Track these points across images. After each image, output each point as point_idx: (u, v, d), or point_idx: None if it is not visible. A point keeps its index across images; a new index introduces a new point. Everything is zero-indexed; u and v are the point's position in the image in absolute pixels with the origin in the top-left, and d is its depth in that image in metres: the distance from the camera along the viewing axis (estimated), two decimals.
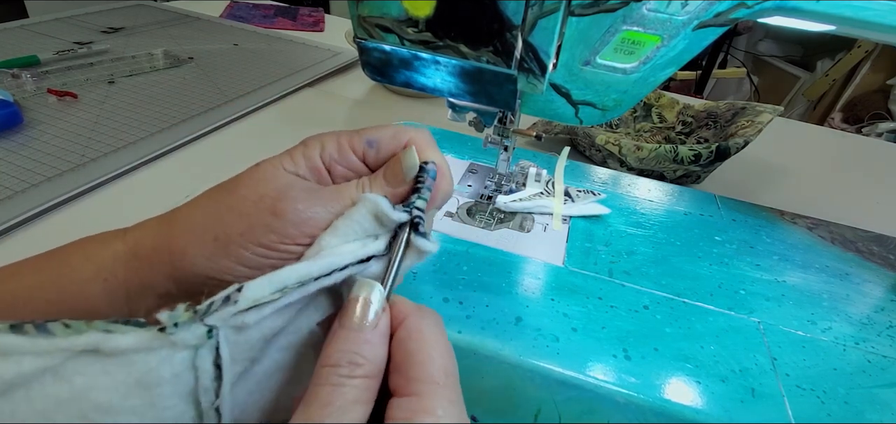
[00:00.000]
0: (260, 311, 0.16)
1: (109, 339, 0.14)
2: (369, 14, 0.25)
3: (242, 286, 0.16)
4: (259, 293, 0.16)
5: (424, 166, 0.19)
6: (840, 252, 0.35)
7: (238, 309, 0.15)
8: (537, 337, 0.25)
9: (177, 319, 0.15)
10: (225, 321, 0.15)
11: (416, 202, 0.18)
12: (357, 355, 0.15)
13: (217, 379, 0.16)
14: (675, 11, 0.25)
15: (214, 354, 0.15)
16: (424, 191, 0.19)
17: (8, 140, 0.47)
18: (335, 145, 0.20)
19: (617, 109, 0.30)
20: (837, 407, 0.23)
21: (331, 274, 0.17)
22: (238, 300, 0.15)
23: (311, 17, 0.96)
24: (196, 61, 0.69)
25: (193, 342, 0.15)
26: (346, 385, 0.15)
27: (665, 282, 0.30)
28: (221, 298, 0.15)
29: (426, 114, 0.64)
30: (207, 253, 0.18)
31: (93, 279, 0.18)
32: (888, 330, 0.28)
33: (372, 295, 0.16)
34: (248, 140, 0.53)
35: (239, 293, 0.15)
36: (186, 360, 0.15)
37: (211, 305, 0.15)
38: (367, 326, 0.16)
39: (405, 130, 0.20)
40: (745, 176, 0.56)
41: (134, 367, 0.14)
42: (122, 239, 0.19)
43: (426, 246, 0.18)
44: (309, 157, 0.19)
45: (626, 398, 0.23)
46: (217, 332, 0.15)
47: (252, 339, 0.16)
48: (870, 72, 1.60)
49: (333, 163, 0.20)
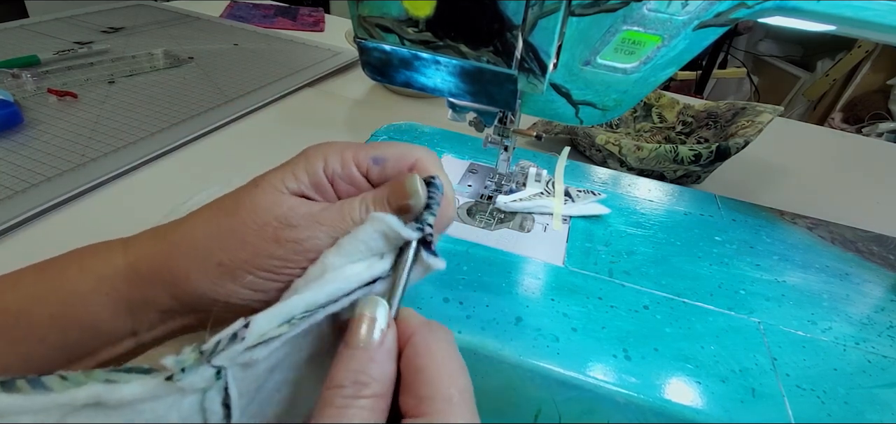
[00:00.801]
0: (268, 346, 0.15)
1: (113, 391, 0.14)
2: (369, 14, 0.25)
3: (249, 321, 0.15)
4: (266, 326, 0.15)
5: (432, 180, 0.19)
6: (840, 252, 0.35)
7: (246, 345, 0.15)
8: (537, 337, 0.25)
9: (184, 364, 0.14)
10: (233, 359, 0.15)
11: (428, 218, 0.18)
12: (363, 374, 0.15)
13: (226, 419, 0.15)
14: (675, 11, 0.25)
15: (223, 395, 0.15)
16: (434, 206, 0.18)
17: (8, 140, 0.47)
18: (339, 160, 0.19)
19: (617, 109, 0.30)
20: (837, 407, 0.23)
21: (337, 301, 0.16)
22: (245, 336, 0.15)
23: (311, 17, 0.96)
24: (196, 61, 0.69)
25: (202, 385, 0.14)
26: (352, 406, 0.14)
27: (665, 282, 0.30)
28: (228, 336, 0.15)
29: (426, 114, 0.64)
30: (212, 278, 0.17)
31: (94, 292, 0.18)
32: (888, 330, 0.28)
33: (376, 312, 0.16)
34: (248, 140, 0.53)
35: (246, 329, 0.15)
36: (195, 403, 0.14)
37: (217, 344, 0.15)
38: (372, 345, 0.15)
39: (411, 149, 0.20)
40: (745, 176, 0.56)
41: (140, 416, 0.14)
42: (122, 252, 0.18)
43: (437, 264, 0.18)
44: (311, 172, 0.19)
45: (626, 398, 0.23)
46: (226, 373, 0.15)
47: (259, 373, 0.16)
48: (870, 72, 1.60)
49: (337, 178, 0.19)
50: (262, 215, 0.18)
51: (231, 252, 0.17)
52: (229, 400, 0.15)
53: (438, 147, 0.43)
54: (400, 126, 0.45)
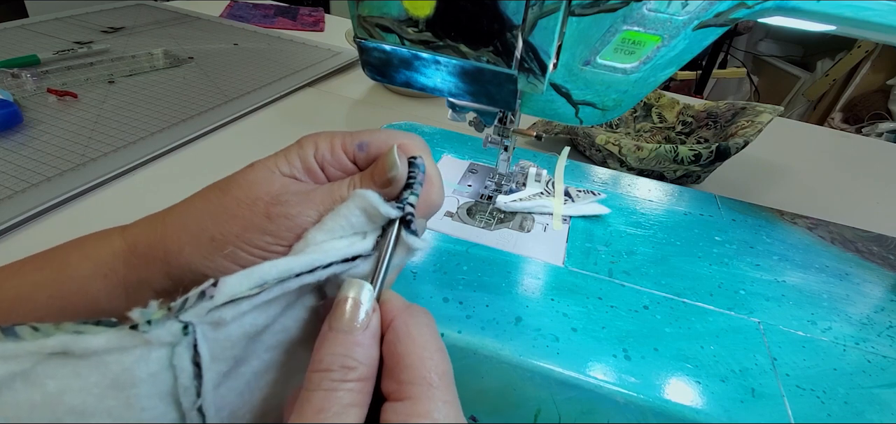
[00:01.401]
0: (237, 306, 0.15)
1: (79, 340, 0.14)
2: (369, 14, 0.25)
3: (218, 281, 0.15)
4: (236, 288, 0.15)
5: (413, 161, 0.19)
6: (840, 252, 0.35)
7: (214, 304, 0.15)
8: (537, 337, 0.25)
9: (150, 317, 0.14)
10: (200, 317, 0.15)
11: (409, 198, 0.18)
12: (349, 358, 0.15)
13: (197, 378, 0.15)
14: (675, 11, 0.25)
15: (192, 352, 0.15)
16: (416, 186, 0.19)
17: (8, 140, 0.47)
18: (328, 146, 0.20)
19: (617, 109, 0.30)
20: (837, 407, 0.23)
21: (314, 272, 0.16)
22: (213, 294, 0.15)
23: (311, 17, 0.96)
24: (196, 61, 0.69)
25: (169, 339, 0.14)
26: (339, 389, 0.14)
27: (665, 282, 0.30)
28: (196, 294, 0.15)
29: (426, 114, 0.64)
30: (203, 253, 0.18)
31: (93, 275, 0.18)
32: (888, 330, 0.28)
33: (361, 294, 0.16)
34: (248, 140, 0.53)
35: (214, 288, 0.15)
36: (163, 359, 0.14)
37: (185, 301, 0.15)
38: (357, 327, 0.15)
39: (395, 134, 0.20)
40: (745, 176, 0.56)
41: (108, 368, 0.14)
42: (120, 235, 0.19)
43: (416, 243, 0.18)
44: (303, 157, 0.19)
45: (626, 398, 0.23)
46: (193, 329, 0.15)
47: (233, 336, 0.16)
48: (870, 72, 1.60)
49: (326, 164, 0.20)
50: (255, 190, 0.18)
51: (223, 226, 0.18)
52: (199, 359, 0.15)
53: (438, 147, 0.43)
54: (400, 126, 0.45)
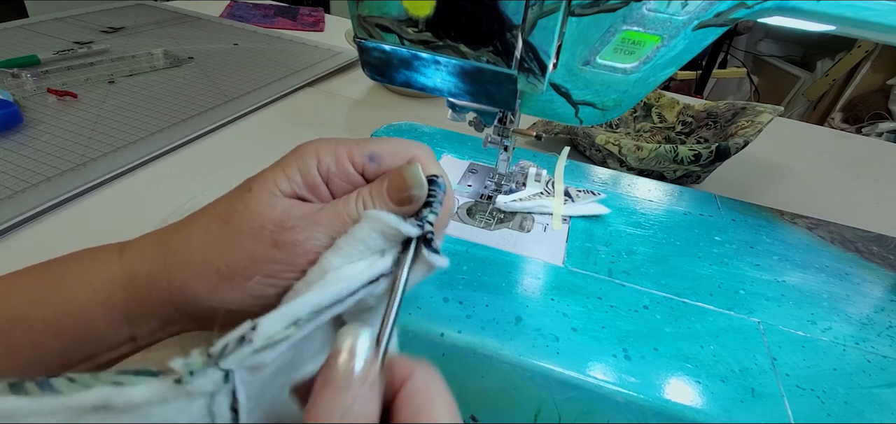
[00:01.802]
0: (275, 349, 0.15)
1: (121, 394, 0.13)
2: (369, 14, 0.25)
3: (256, 324, 0.15)
4: (273, 329, 0.15)
5: (434, 179, 0.19)
6: (840, 252, 0.35)
7: (253, 348, 0.15)
8: (537, 337, 0.25)
9: (192, 367, 0.14)
10: (241, 362, 0.15)
11: (429, 216, 0.18)
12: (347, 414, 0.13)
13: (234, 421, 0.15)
14: (675, 11, 0.25)
15: (231, 399, 0.15)
16: (436, 204, 0.18)
17: (8, 140, 0.47)
18: (333, 158, 0.18)
19: (617, 109, 0.30)
20: (837, 407, 0.23)
21: (343, 301, 0.16)
22: (253, 339, 0.15)
23: (311, 17, 0.96)
24: (196, 61, 0.69)
25: (210, 388, 0.14)
26: None
27: (665, 282, 0.30)
28: (236, 339, 0.15)
29: (426, 114, 0.64)
30: (210, 286, 0.17)
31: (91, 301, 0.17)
32: (888, 330, 0.28)
33: (357, 342, 0.14)
34: (248, 140, 0.53)
35: (253, 331, 0.15)
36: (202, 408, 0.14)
37: (225, 347, 0.14)
38: (354, 381, 0.14)
39: (408, 146, 0.19)
40: (745, 176, 0.56)
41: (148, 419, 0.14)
42: (118, 261, 0.18)
43: (440, 262, 0.17)
44: (304, 171, 0.18)
45: (626, 398, 0.23)
46: (233, 376, 0.14)
47: (267, 377, 0.16)
48: (870, 72, 1.60)
49: (332, 176, 0.19)
50: (258, 219, 0.17)
51: (229, 258, 0.17)
52: (237, 404, 0.15)
53: (438, 147, 0.43)
54: (400, 126, 0.45)
